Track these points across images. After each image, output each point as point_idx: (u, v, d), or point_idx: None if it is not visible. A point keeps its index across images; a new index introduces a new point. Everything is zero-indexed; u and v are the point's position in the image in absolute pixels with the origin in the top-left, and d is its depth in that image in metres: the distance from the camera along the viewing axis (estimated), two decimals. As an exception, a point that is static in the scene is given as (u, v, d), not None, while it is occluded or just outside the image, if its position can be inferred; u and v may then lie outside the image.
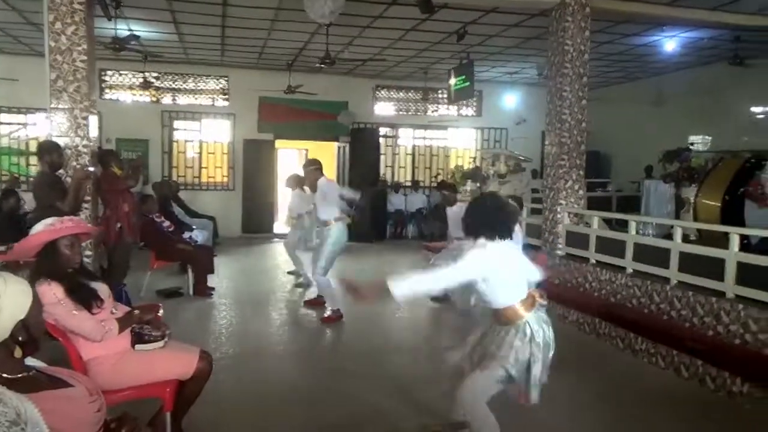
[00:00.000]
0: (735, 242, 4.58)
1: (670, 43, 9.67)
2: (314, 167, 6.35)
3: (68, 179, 5.30)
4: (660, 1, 7.67)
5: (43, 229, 2.78)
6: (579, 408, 4.01)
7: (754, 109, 10.79)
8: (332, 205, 6.17)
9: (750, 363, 4.15)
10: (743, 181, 5.16)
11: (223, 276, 8.20)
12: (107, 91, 12.37)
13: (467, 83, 10.71)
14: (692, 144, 11.17)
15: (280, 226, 13.76)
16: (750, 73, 10.01)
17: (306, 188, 7.33)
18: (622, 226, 6.37)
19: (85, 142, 5.69)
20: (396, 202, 13.13)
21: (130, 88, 12.49)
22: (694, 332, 4.73)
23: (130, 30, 9.08)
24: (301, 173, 7.17)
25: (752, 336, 4.28)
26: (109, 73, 12.33)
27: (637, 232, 5.86)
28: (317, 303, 6.59)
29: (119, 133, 12.06)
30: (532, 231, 7.46)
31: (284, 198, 14.33)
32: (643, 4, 7.66)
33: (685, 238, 5.48)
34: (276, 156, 13.52)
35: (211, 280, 7.38)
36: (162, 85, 12.70)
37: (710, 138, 11.56)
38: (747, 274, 4.46)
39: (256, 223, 12.86)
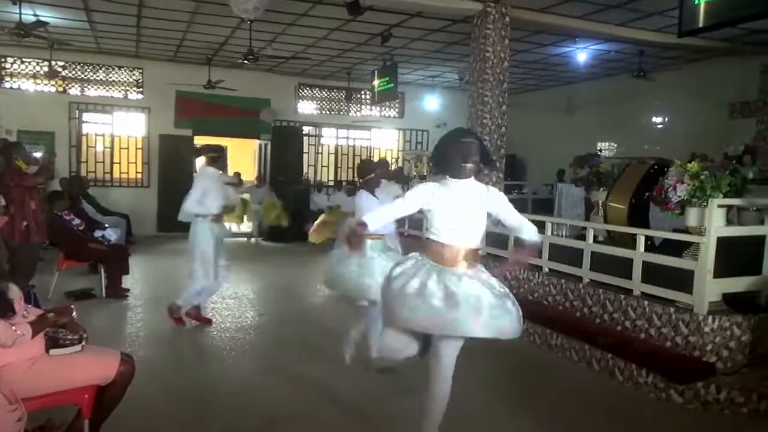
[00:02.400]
0: (641, 243, 4.92)
1: (581, 54, 10.22)
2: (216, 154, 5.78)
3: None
4: (572, 14, 8.11)
5: None
6: (496, 399, 4.16)
7: (654, 119, 11.62)
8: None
9: (654, 355, 4.47)
10: (648, 186, 5.53)
11: (138, 277, 7.84)
12: (7, 79, 11.51)
13: (391, 85, 10.84)
14: (600, 150, 11.88)
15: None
16: (652, 86, 10.76)
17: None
18: (538, 227, 6.66)
19: (-14, 133, 5.29)
20: (319, 201, 13.06)
21: (34, 76, 11.68)
22: (604, 327, 5.05)
23: (36, 15, 8.52)
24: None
25: (656, 330, 4.62)
26: (10, 59, 11.48)
27: (552, 233, 6.16)
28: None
29: (21, 124, 11.27)
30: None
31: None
32: (557, 16, 8.07)
33: (594, 239, 5.83)
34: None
35: (126, 281, 7.06)
36: (70, 74, 11.97)
37: (616, 145, 12.34)
38: (652, 273, 4.81)
39: (173, 222, 12.30)
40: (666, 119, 11.45)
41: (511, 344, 5.20)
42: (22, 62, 11.57)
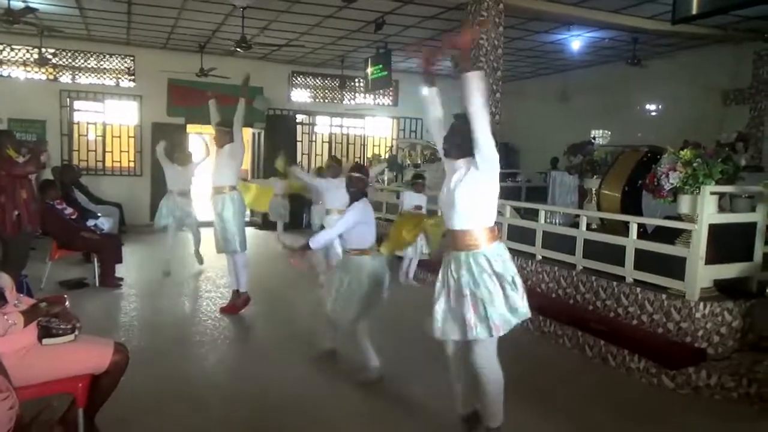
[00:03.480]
0: (634, 230, 4.94)
1: (575, 41, 10.19)
2: (228, 129, 5.92)
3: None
4: (566, 1, 8.07)
5: None
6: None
7: (648, 106, 11.62)
8: (232, 169, 5.81)
9: (646, 341, 4.51)
10: (641, 174, 5.54)
11: (131, 266, 7.83)
12: (-4, 66, 11.40)
13: (384, 72, 10.78)
14: (594, 138, 11.88)
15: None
16: (645, 73, 10.75)
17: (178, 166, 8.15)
18: (532, 215, 6.68)
19: (-25, 121, 5.24)
20: (313, 190, 13.03)
21: (24, 64, 11.55)
22: (597, 314, 5.08)
23: (24, 1, 8.40)
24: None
25: (648, 317, 4.65)
26: (-1, 47, 11.36)
27: (546, 221, 6.17)
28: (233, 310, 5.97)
29: (12, 112, 11.16)
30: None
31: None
32: (551, 3, 8.03)
33: (588, 227, 5.84)
34: (188, 141, 13.00)
35: (119, 270, 7.04)
36: (60, 62, 11.84)
37: (609, 133, 12.34)
38: (644, 260, 4.83)
39: (166, 211, 12.30)
40: (660, 107, 11.46)
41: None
42: (12, 49, 11.41)
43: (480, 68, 7.16)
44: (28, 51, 11.40)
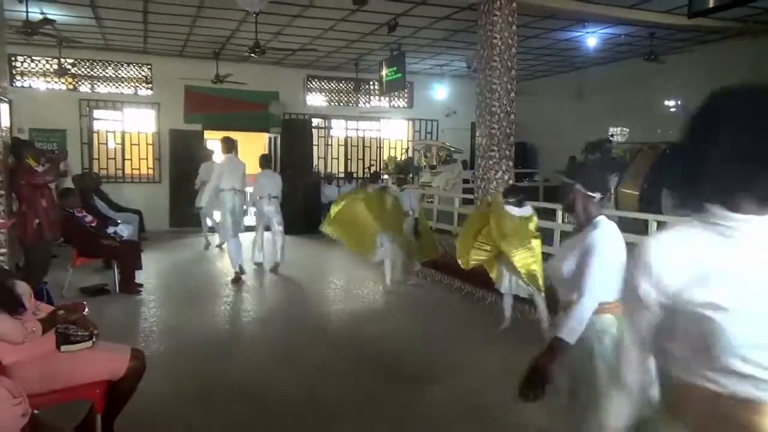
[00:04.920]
0: (653, 228, 4.86)
1: (590, 38, 10.08)
2: (224, 144, 7.62)
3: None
4: (581, -2, 7.99)
5: None
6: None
7: (667, 102, 11.45)
8: (227, 176, 7.35)
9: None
10: (660, 171, 5.46)
11: (151, 272, 7.89)
12: (18, 78, 11.60)
13: (399, 74, 10.78)
14: (612, 135, 11.75)
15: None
16: (663, 69, 10.59)
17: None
18: (549, 215, 6.61)
19: (-4, 132, 5.33)
20: (329, 193, 13.04)
21: (44, 74, 11.76)
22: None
23: (42, 13, 8.55)
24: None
25: (669, 316, 4.56)
26: (20, 58, 11.55)
27: (564, 221, 6.11)
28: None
29: (33, 122, 11.34)
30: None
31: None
32: (565, 0, 7.95)
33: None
34: (205, 147, 13.11)
35: (139, 277, 7.10)
36: (79, 72, 12.03)
37: (628, 130, 12.20)
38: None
39: (185, 217, 12.42)
40: (678, 102, 11.28)
41: (530, 327, 5.20)
42: (32, 61, 11.64)
43: (494, 68, 7.12)
44: (47, 62, 11.60)
